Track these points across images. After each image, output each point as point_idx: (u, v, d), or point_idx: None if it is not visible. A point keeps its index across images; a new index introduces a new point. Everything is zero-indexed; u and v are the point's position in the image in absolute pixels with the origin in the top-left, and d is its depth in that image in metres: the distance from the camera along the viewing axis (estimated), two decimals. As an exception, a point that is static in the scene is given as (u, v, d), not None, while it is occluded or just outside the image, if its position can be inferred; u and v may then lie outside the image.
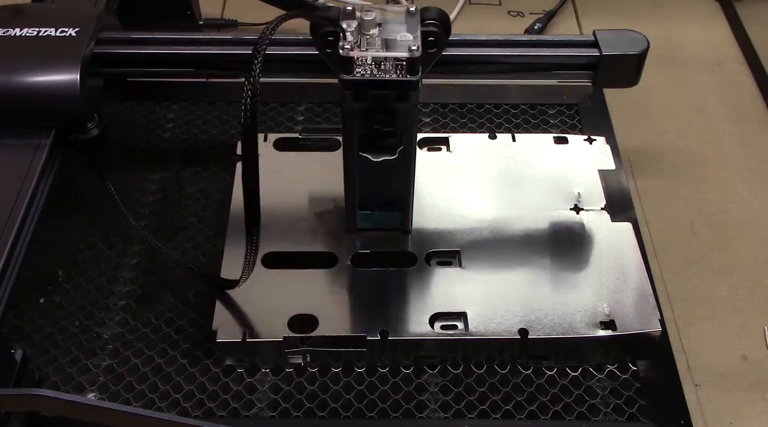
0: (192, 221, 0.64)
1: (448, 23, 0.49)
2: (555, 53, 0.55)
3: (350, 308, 0.55)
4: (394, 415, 0.53)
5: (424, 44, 0.48)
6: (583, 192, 0.62)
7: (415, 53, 0.47)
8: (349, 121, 0.51)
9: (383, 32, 0.48)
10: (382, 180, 0.55)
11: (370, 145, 0.52)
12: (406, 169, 0.54)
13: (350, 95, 0.49)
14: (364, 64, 0.47)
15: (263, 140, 0.65)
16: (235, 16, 0.84)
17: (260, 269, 0.57)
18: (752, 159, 0.72)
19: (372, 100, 0.49)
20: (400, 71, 0.47)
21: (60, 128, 0.55)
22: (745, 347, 0.58)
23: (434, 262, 0.58)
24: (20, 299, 0.57)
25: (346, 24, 0.47)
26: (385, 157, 0.53)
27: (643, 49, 0.55)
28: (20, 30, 0.55)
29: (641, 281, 0.56)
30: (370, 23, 0.48)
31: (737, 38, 0.84)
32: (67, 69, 0.53)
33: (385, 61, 0.47)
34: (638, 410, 0.53)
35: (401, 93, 0.48)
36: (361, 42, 0.47)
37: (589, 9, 0.88)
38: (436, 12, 0.49)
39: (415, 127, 0.52)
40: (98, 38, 0.55)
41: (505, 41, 0.55)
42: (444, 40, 0.49)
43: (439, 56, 0.50)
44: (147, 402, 0.53)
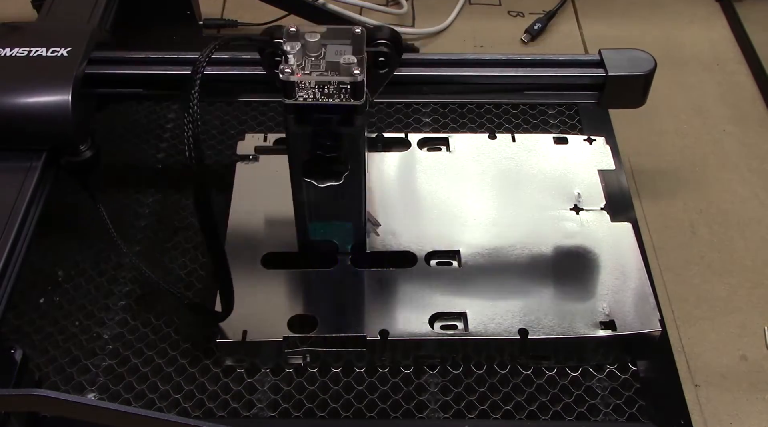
0: (192, 221, 0.64)
1: (399, 42, 0.48)
2: (558, 74, 0.53)
3: (350, 308, 0.55)
4: (394, 415, 0.53)
5: (373, 65, 0.47)
6: (583, 192, 0.62)
7: (358, 77, 0.45)
8: (293, 145, 0.49)
9: (328, 54, 0.46)
10: (331, 204, 0.53)
11: (315, 169, 0.51)
12: (356, 193, 0.52)
13: (293, 119, 0.47)
14: (307, 88, 0.45)
15: (263, 140, 0.65)
16: (235, 16, 0.84)
17: (260, 269, 0.57)
18: (752, 159, 0.72)
19: (315, 124, 0.47)
20: (344, 95, 0.45)
21: (51, 151, 0.53)
22: (745, 347, 0.58)
23: (434, 262, 0.58)
24: (20, 299, 0.57)
25: (290, 46, 0.45)
26: (330, 183, 0.51)
27: (650, 70, 0.53)
28: (11, 50, 0.53)
29: (641, 281, 0.56)
30: (315, 45, 0.46)
31: (737, 38, 0.84)
32: (58, 90, 0.51)
33: (329, 84, 0.45)
34: (638, 411, 0.53)
35: (345, 117, 0.47)
36: (305, 64, 0.46)
37: (589, 9, 0.88)
38: (388, 32, 0.48)
39: (363, 151, 0.50)
40: (91, 58, 0.54)
41: (507, 61, 0.54)
42: (395, 61, 0.48)
43: (390, 77, 0.49)
44: (147, 402, 0.53)
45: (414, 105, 0.73)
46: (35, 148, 0.53)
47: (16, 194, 0.50)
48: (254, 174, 0.63)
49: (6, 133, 0.52)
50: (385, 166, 0.64)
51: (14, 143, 0.53)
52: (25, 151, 0.53)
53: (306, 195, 0.52)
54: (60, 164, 0.54)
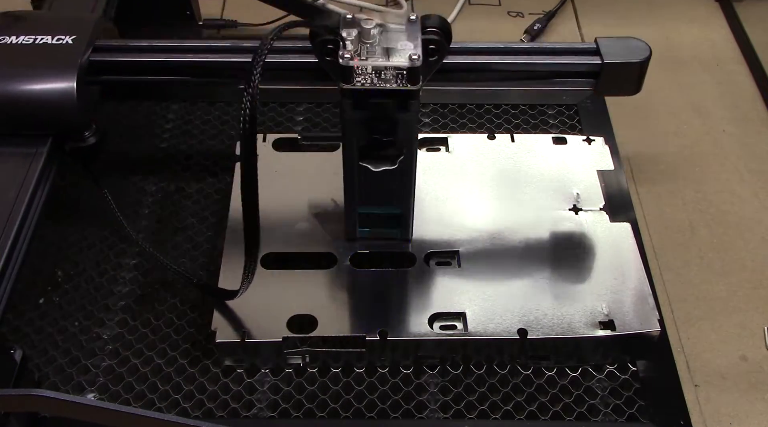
0: (192, 221, 0.64)
1: (449, 31, 0.49)
2: (556, 61, 0.54)
3: (349, 308, 0.55)
4: (394, 415, 0.53)
5: (424, 52, 0.47)
6: (582, 192, 0.62)
7: (416, 62, 0.46)
8: (348, 130, 0.50)
9: (383, 41, 0.47)
10: (382, 189, 0.54)
11: (370, 154, 0.52)
12: (407, 178, 0.54)
13: (350, 104, 0.48)
14: (364, 73, 0.46)
15: (262, 141, 0.65)
16: (235, 16, 0.84)
17: (260, 269, 0.57)
18: (752, 159, 0.72)
19: (372, 109, 0.48)
20: (400, 80, 0.47)
21: (56, 136, 0.54)
22: (745, 348, 0.58)
23: (433, 262, 0.58)
24: (20, 299, 0.58)
25: (346, 32, 0.46)
26: (385, 167, 0.52)
27: (645, 57, 0.54)
28: (16, 38, 0.54)
29: (640, 281, 0.56)
30: (371, 32, 0.47)
31: (737, 38, 0.84)
32: (63, 77, 0.52)
33: (386, 70, 0.46)
34: (638, 411, 0.53)
35: (402, 102, 0.48)
36: (361, 50, 0.47)
37: (589, 9, 0.88)
38: (438, 20, 0.49)
39: (415, 136, 0.51)
40: (95, 46, 0.55)
41: (506, 49, 0.55)
42: (445, 48, 0.49)
43: (439, 64, 0.49)
44: (147, 403, 0.53)
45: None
46: (41, 134, 0.54)
47: (22, 178, 0.51)
48: (254, 174, 0.63)
49: (12, 119, 0.53)
50: (385, 167, 0.64)
51: (21, 129, 0.54)
52: (31, 137, 0.54)
53: (358, 181, 0.53)
54: (65, 150, 0.55)
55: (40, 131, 0.54)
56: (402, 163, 0.52)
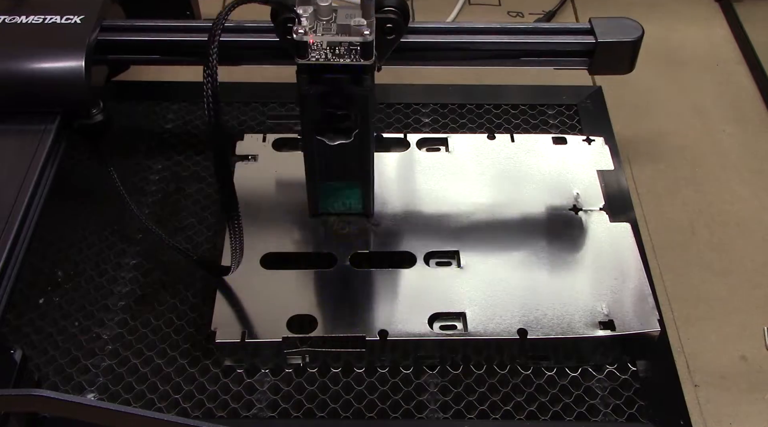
0: (192, 221, 0.64)
1: (406, 10, 0.51)
2: (551, 40, 0.56)
3: (349, 308, 0.55)
4: (394, 415, 0.53)
5: (381, 31, 0.50)
6: (582, 192, 0.62)
7: (368, 38, 0.47)
8: (305, 105, 0.52)
9: (338, 18, 0.49)
10: (341, 164, 0.55)
11: (326, 128, 0.53)
12: (365, 152, 0.55)
13: (305, 79, 0.50)
14: (319, 49, 0.48)
15: (262, 141, 0.65)
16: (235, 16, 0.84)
17: (259, 269, 0.57)
18: (752, 159, 0.72)
19: (327, 84, 0.50)
20: (354, 55, 0.48)
21: (65, 114, 0.56)
22: (745, 348, 0.58)
23: (433, 262, 0.58)
24: (20, 299, 0.58)
25: (302, 9, 0.48)
26: (341, 141, 0.53)
27: (638, 36, 0.56)
28: (26, 17, 0.56)
29: (640, 281, 0.56)
30: (326, 9, 0.48)
31: (737, 39, 0.84)
32: (72, 56, 0.54)
33: (340, 45, 0.48)
34: (638, 411, 0.53)
35: (356, 77, 0.50)
36: (317, 27, 0.48)
37: (589, 9, 0.88)
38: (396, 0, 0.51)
39: (372, 110, 0.52)
40: (103, 25, 0.56)
41: (502, 29, 0.56)
42: (402, 27, 0.51)
43: (397, 43, 0.51)
44: (147, 403, 0.53)
45: (413, 105, 0.73)
46: (50, 112, 0.55)
47: (32, 154, 0.53)
48: (253, 174, 0.63)
49: (22, 96, 0.55)
50: (384, 167, 0.64)
51: (30, 106, 0.55)
52: (40, 115, 0.55)
53: (317, 156, 0.54)
54: (73, 127, 0.56)
55: (49, 109, 0.55)
56: (358, 138, 0.53)
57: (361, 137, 0.53)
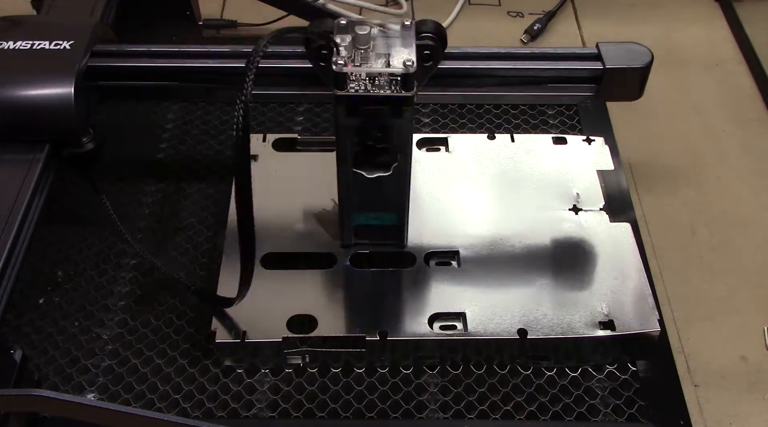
0: (191, 221, 0.64)
1: (444, 36, 0.48)
2: (557, 67, 0.54)
3: (349, 308, 0.55)
4: (394, 415, 0.53)
5: (419, 58, 0.47)
6: (582, 192, 0.62)
7: (410, 69, 0.45)
8: (342, 136, 0.50)
9: (378, 47, 0.47)
10: (377, 196, 0.54)
11: (365, 161, 0.51)
12: (402, 185, 0.53)
13: (343, 111, 0.48)
14: (357, 80, 0.46)
15: (262, 141, 0.65)
16: (235, 17, 0.84)
17: (259, 269, 0.57)
18: (752, 159, 0.72)
19: (366, 116, 0.48)
20: (394, 87, 0.46)
21: (54, 142, 0.54)
22: (745, 348, 0.58)
23: (433, 262, 0.58)
24: (20, 299, 0.58)
25: (340, 38, 0.46)
26: (379, 174, 0.52)
27: (647, 62, 0.53)
28: (14, 43, 0.54)
29: (640, 281, 0.56)
30: (365, 37, 0.46)
31: (737, 39, 0.85)
32: (61, 82, 0.52)
33: (380, 76, 0.46)
34: (638, 411, 0.53)
35: (396, 109, 0.47)
36: (355, 56, 0.46)
37: (589, 9, 0.88)
38: (433, 25, 0.48)
39: (410, 142, 0.51)
40: (93, 51, 0.54)
41: (506, 54, 0.54)
42: (440, 54, 0.48)
43: (434, 70, 0.49)
44: (146, 403, 0.53)
45: (413, 105, 0.73)
46: (38, 140, 0.54)
47: (19, 185, 0.51)
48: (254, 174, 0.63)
49: (10, 124, 0.53)
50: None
51: (18, 135, 0.54)
52: (28, 143, 0.53)
53: (352, 187, 0.53)
54: (62, 156, 0.55)
55: (37, 137, 0.54)
56: (397, 170, 0.52)
57: (399, 170, 0.52)
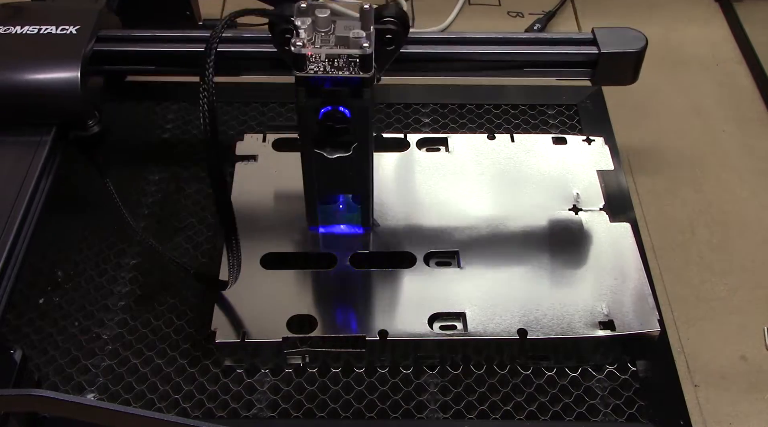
0: (191, 221, 0.64)
1: (405, 21, 0.50)
2: (553, 51, 0.55)
3: (349, 308, 0.55)
4: (394, 415, 0.53)
5: (381, 42, 0.49)
6: (582, 192, 0.62)
7: (367, 50, 0.46)
8: (303, 118, 0.51)
9: (338, 29, 0.48)
10: (340, 176, 0.55)
11: (325, 141, 0.52)
12: (364, 165, 0.54)
13: (304, 92, 0.49)
14: (317, 61, 0.47)
15: (262, 141, 0.65)
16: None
17: (259, 269, 0.57)
18: (752, 159, 0.72)
19: (325, 96, 0.49)
20: (353, 68, 0.47)
21: (61, 125, 0.55)
22: (745, 348, 0.58)
23: (433, 262, 0.58)
24: (20, 299, 0.58)
25: (300, 21, 0.47)
26: (340, 154, 0.52)
27: (642, 47, 0.55)
28: (21, 28, 0.55)
29: (640, 281, 0.56)
30: (325, 20, 0.48)
31: (736, 39, 0.84)
32: (67, 66, 0.53)
33: (338, 57, 0.47)
34: (638, 411, 0.53)
35: (354, 90, 0.49)
36: (315, 39, 0.47)
37: (589, 9, 0.88)
38: (395, 10, 0.50)
39: (370, 123, 0.52)
40: (98, 36, 0.56)
41: (503, 39, 0.55)
42: (401, 38, 0.50)
43: (397, 53, 0.51)
44: (146, 403, 0.53)
45: (413, 105, 0.73)
46: (45, 123, 0.55)
47: (27, 166, 0.52)
48: (253, 174, 0.63)
49: (17, 108, 0.54)
50: (384, 167, 0.64)
51: (26, 118, 0.55)
52: (35, 126, 0.54)
53: (316, 168, 0.54)
54: (69, 138, 0.56)
55: (44, 120, 0.55)
56: (357, 151, 0.53)
57: (360, 150, 0.52)
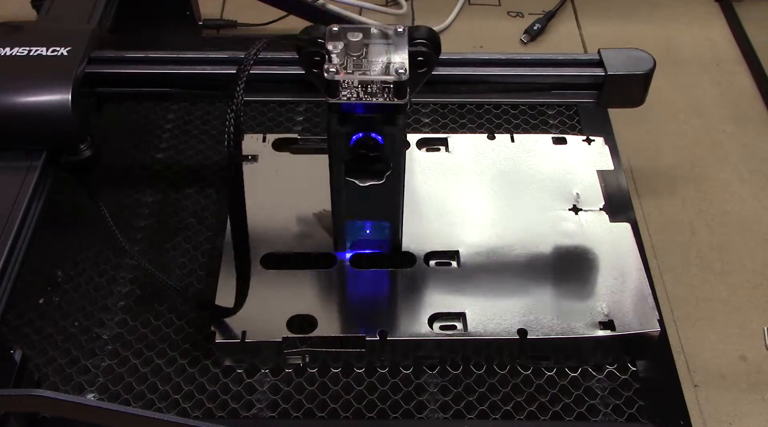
0: (191, 221, 0.64)
1: (437, 42, 0.48)
2: (558, 73, 0.53)
3: (349, 308, 0.55)
4: (394, 415, 0.52)
5: (412, 64, 0.46)
6: (582, 192, 0.62)
7: (403, 76, 0.45)
8: (335, 144, 0.49)
9: (370, 54, 0.46)
10: (370, 203, 0.53)
11: (357, 169, 0.51)
12: (395, 192, 0.53)
13: (336, 119, 0.48)
14: (350, 87, 0.45)
15: (262, 141, 0.65)
16: (235, 17, 0.84)
17: (259, 269, 0.57)
18: (751, 159, 0.72)
19: (358, 123, 0.48)
20: (387, 94, 0.46)
21: (51, 150, 0.53)
22: (745, 348, 0.58)
23: (433, 262, 0.58)
24: (20, 299, 0.58)
25: (332, 46, 0.46)
26: (372, 182, 0.51)
27: (650, 69, 0.53)
28: (10, 49, 0.53)
29: (640, 281, 0.56)
30: (357, 44, 0.46)
31: (736, 39, 0.85)
32: (58, 89, 0.51)
33: (372, 83, 0.45)
34: (638, 411, 0.53)
35: (388, 116, 0.47)
36: (347, 64, 0.46)
37: (589, 9, 0.88)
38: (426, 31, 0.48)
39: (403, 150, 0.50)
40: (90, 57, 0.54)
41: (506, 60, 0.54)
42: (434, 60, 0.48)
43: (428, 76, 0.49)
44: (146, 403, 0.53)
45: (413, 105, 0.73)
46: (36, 148, 0.53)
47: (16, 193, 0.50)
48: (254, 174, 0.63)
49: (6, 132, 0.52)
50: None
51: (14, 143, 0.53)
52: (25, 151, 0.53)
53: (345, 194, 0.52)
54: (60, 163, 0.54)
55: (34, 145, 0.53)
56: (389, 178, 0.51)
57: (392, 178, 0.51)
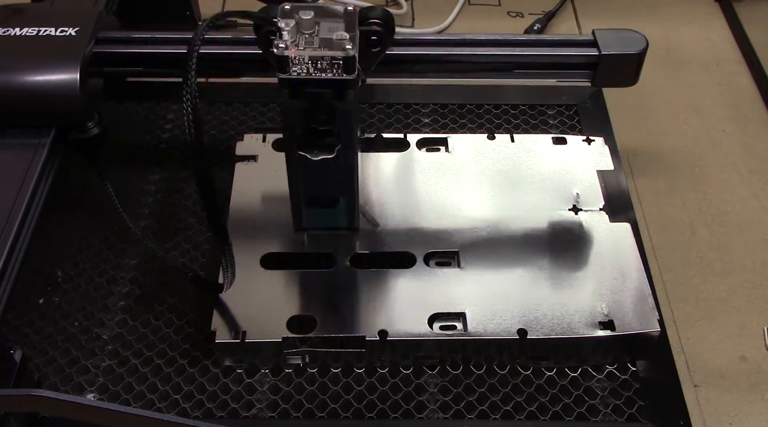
0: (191, 221, 0.64)
1: (391, 22, 0.50)
2: (553, 53, 0.55)
3: (349, 308, 0.55)
4: (394, 415, 0.53)
5: (366, 44, 0.49)
6: (582, 192, 0.62)
7: (350, 52, 0.46)
8: (287, 119, 0.51)
9: (321, 32, 0.48)
10: (325, 178, 0.55)
11: (308, 143, 0.52)
12: (349, 167, 0.54)
13: (287, 94, 0.49)
14: (301, 63, 0.47)
15: (262, 141, 0.65)
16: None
17: (259, 269, 0.57)
18: (751, 159, 0.72)
19: (309, 98, 0.49)
20: (336, 70, 0.47)
21: (60, 128, 0.55)
22: (745, 348, 0.58)
23: (433, 262, 0.58)
24: (20, 299, 0.58)
25: (284, 23, 0.47)
26: (323, 156, 0.53)
27: (642, 49, 0.55)
28: (20, 29, 0.55)
29: (640, 281, 0.56)
30: (309, 22, 0.47)
31: (736, 39, 0.85)
32: (66, 68, 0.53)
33: (322, 59, 0.47)
34: (638, 411, 0.53)
35: (338, 92, 0.49)
36: (299, 41, 0.47)
37: (589, 9, 0.88)
38: (380, 12, 0.50)
39: (356, 125, 0.52)
40: (98, 38, 0.55)
41: (504, 41, 0.55)
42: (387, 40, 0.50)
43: (382, 55, 0.51)
44: (146, 403, 0.53)
45: (413, 105, 0.73)
46: (44, 125, 0.54)
47: (25, 169, 0.52)
48: (253, 174, 0.63)
49: (16, 110, 0.54)
50: (384, 167, 0.64)
51: (24, 120, 0.54)
52: (34, 128, 0.54)
53: (301, 171, 0.54)
54: (68, 141, 0.55)
55: (43, 123, 0.54)
56: (342, 153, 0.53)
57: (344, 153, 0.53)
